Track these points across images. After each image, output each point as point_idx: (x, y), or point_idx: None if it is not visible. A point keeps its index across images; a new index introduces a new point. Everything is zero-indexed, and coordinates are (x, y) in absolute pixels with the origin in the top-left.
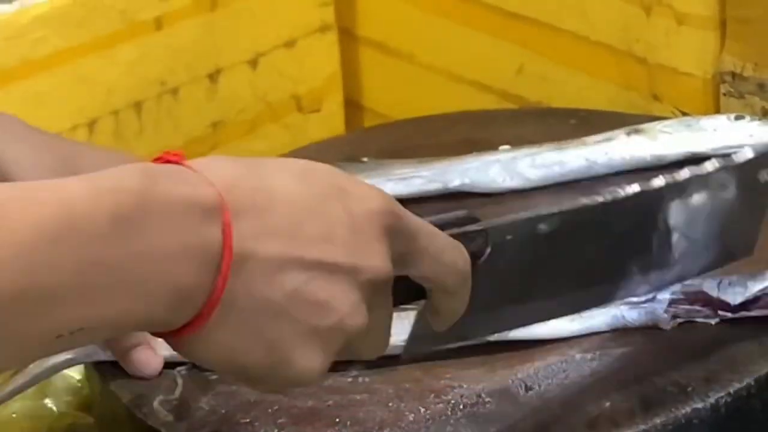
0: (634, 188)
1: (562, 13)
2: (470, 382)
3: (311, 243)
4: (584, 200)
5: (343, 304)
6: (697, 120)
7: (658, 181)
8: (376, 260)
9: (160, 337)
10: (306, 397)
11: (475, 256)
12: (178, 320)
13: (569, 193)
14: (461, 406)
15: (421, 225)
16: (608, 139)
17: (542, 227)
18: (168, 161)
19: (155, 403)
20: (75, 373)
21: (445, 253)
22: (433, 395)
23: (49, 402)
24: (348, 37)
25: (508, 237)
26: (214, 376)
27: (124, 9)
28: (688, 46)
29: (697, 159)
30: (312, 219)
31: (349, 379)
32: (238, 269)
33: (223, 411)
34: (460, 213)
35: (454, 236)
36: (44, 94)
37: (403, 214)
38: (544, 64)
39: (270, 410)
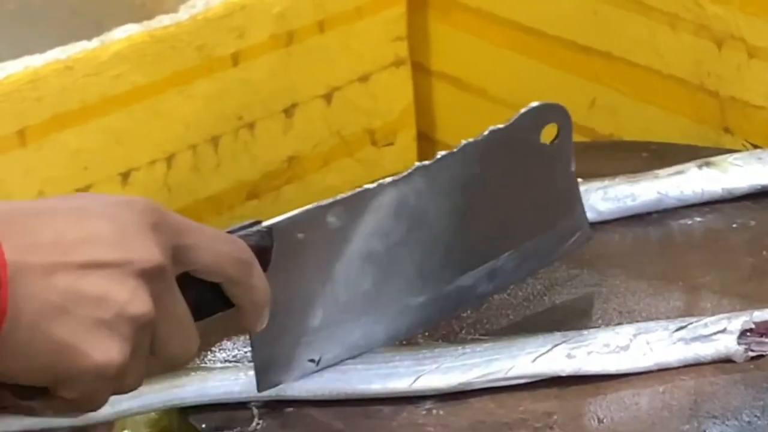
0: (420, 163)
1: (634, 47)
2: (543, 415)
3: (75, 246)
4: (368, 186)
5: (120, 293)
6: (767, 153)
7: (439, 156)
8: (144, 251)
9: None
10: (381, 431)
11: (262, 254)
12: None
13: (640, 226)
14: None
15: (188, 221)
16: (680, 172)
17: (331, 220)
18: None
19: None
20: None
21: (217, 243)
22: (506, 428)
23: None
24: (421, 71)
25: (299, 235)
26: (290, 409)
27: (202, 45)
28: (759, 79)
29: None
30: (76, 227)
31: (423, 412)
32: (16, 280)
33: None
34: (250, 221)
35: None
36: (123, 130)
37: (166, 212)
38: (616, 97)
39: None
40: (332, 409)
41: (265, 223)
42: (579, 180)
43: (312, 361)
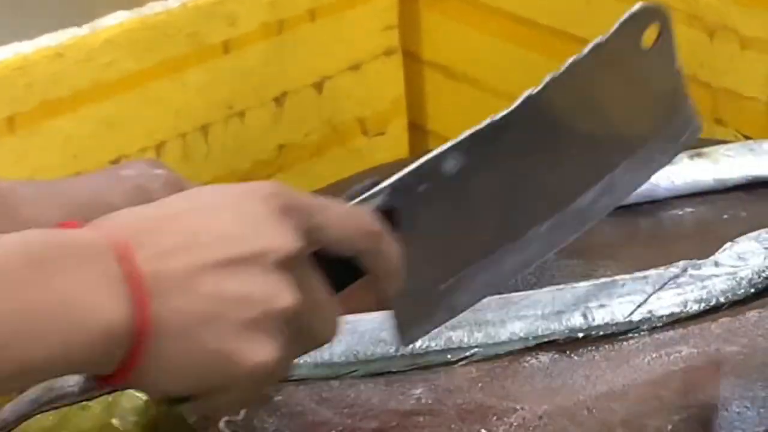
0: (528, 92)
1: None
2: (532, 404)
3: (209, 246)
4: (478, 126)
5: (264, 289)
6: (759, 144)
7: (546, 80)
8: (279, 239)
9: (111, 381)
10: (370, 419)
11: (389, 215)
12: (111, 359)
13: (631, 215)
14: (523, 428)
15: (315, 199)
16: (671, 163)
17: (448, 166)
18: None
19: (221, 424)
20: (141, 394)
21: (346, 218)
22: (495, 417)
23: (115, 422)
24: (413, 60)
25: (420, 187)
26: (279, 397)
27: (193, 32)
28: (751, 70)
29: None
30: (203, 225)
31: (412, 401)
32: (153, 292)
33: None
34: (369, 181)
35: (358, 203)
36: (114, 117)
37: (292, 193)
38: None
39: (334, 431)
40: (321, 398)
41: (386, 183)
42: None
43: (451, 306)
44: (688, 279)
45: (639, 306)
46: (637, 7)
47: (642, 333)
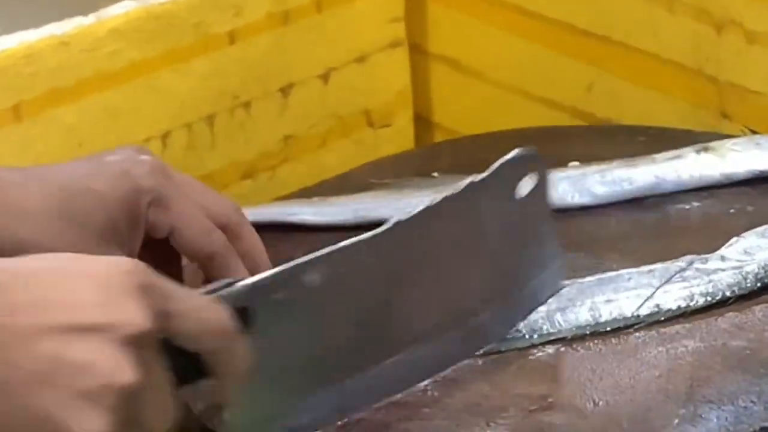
0: (398, 218)
1: (633, 31)
2: (539, 398)
3: (61, 309)
4: (345, 243)
5: (106, 361)
6: (766, 138)
7: (419, 210)
8: (131, 315)
9: None
10: (376, 411)
11: (242, 314)
12: None
13: (637, 209)
14: (528, 421)
15: (174, 285)
16: (677, 157)
17: (308, 278)
18: None
19: (226, 414)
20: None
21: (201, 311)
22: (501, 410)
23: None
24: (418, 52)
25: (278, 295)
26: None
27: (198, 22)
28: (758, 64)
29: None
30: (59, 288)
31: (419, 393)
32: None
33: None
34: (227, 280)
35: (216, 298)
36: (118, 107)
37: (154, 276)
38: (614, 81)
39: (339, 423)
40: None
41: (243, 282)
42: (576, 163)
43: (288, 427)
44: (694, 273)
45: (646, 300)
46: (513, 153)
47: (648, 326)
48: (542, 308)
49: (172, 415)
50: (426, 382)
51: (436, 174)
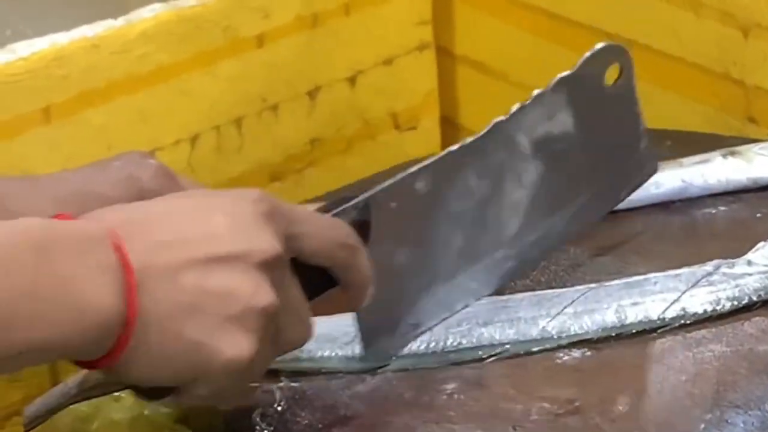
0: (497, 119)
1: (659, 34)
2: (565, 402)
3: (198, 242)
4: (451, 148)
5: (245, 287)
6: None
7: (514, 110)
8: (262, 242)
9: (95, 367)
10: (402, 414)
11: (361, 227)
12: (101, 345)
13: (664, 213)
14: (554, 425)
15: (299, 209)
16: (704, 161)
17: (420, 185)
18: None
19: (254, 416)
20: None
21: (325, 230)
22: (526, 413)
23: (147, 413)
24: (445, 55)
25: (392, 204)
26: (312, 391)
27: (227, 26)
28: None
29: None
30: (193, 223)
31: (444, 397)
32: (142, 283)
33: (320, 425)
34: (341, 197)
35: (334, 215)
36: (148, 109)
37: (278, 201)
38: (639, 85)
39: (366, 425)
40: (353, 392)
41: (360, 197)
42: None
43: (414, 325)
44: (721, 277)
45: (672, 304)
46: (599, 46)
47: (675, 331)
48: (569, 309)
49: (310, 330)
50: (452, 385)
51: None
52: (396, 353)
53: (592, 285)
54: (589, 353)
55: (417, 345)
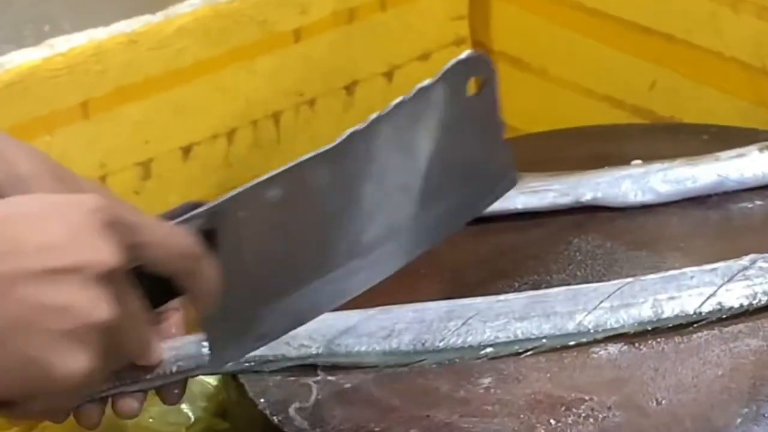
0: (353, 128)
1: (696, 29)
2: (600, 395)
3: (32, 255)
4: (303, 157)
5: (83, 301)
6: None
7: (372, 119)
8: (102, 253)
9: None
10: (438, 408)
11: (208, 236)
12: None
13: (700, 208)
14: (591, 419)
15: (141, 217)
16: (741, 155)
17: (271, 194)
18: None
19: (291, 410)
20: (211, 380)
21: (168, 238)
22: (563, 407)
23: (185, 407)
24: (481, 50)
25: (240, 213)
26: (348, 385)
27: (264, 20)
28: None
29: None
30: (30, 232)
31: (481, 390)
32: None
33: (357, 419)
34: (188, 203)
35: (180, 223)
36: (186, 104)
37: (118, 207)
38: (676, 79)
39: (403, 420)
40: (390, 387)
41: (207, 206)
42: (638, 161)
43: (262, 334)
44: (757, 271)
45: (708, 298)
46: (462, 56)
47: (711, 325)
48: (606, 304)
49: (150, 342)
50: (488, 380)
51: None
52: (241, 359)
53: (629, 279)
54: (625, 347)
55: (454, 339)
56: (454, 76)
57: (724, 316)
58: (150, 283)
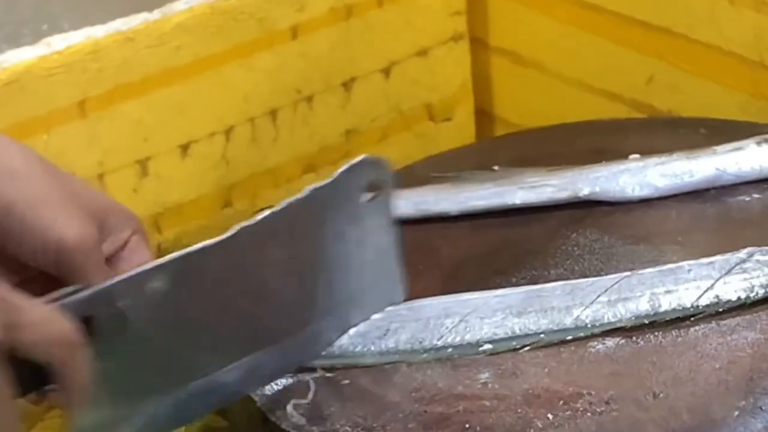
0: (244, 223)
1: (694, 22)
2: (598, 389)
3: None
4: (191, 248)
5: None
6: None
7: (263, 215)
8: None
9: None
10: (436, 403)
11: (88, 322)
12: None
13: (698, 201)
14: (589, 413)
15: (19, 298)
16: (738, 149)
17: (154, 285)
18: None
19: (289, 407)
20: None
21: (45, 323)
22: (561, 402)
23: None
24: (480, 46)
25: (120, 302)
26: (346, 381)
27: (262, 18)
28: None
29: None
30: None
31: (479, 386)
32: None
33: (354, 415)
34: (74, 287)
35: (59, 307)
36: (183, 102)
37: (1, 287)
38: (674, 73)
39: (401, 415)
40: (388, 383)
41: (86, 291)
42: (636, 156)
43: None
44: (754, 264)
45: (706, 291)
46: (358, 159)
47: (708, 319)
48: (603, 298)
49: (15, 425)
50: (486, 375)
51: (496, 167)
52: None
53: (626, 273)
54: (622, 341)
55: (452, 337)
56: (348, 178)
57: (721, 310)
58: (23, 367)
